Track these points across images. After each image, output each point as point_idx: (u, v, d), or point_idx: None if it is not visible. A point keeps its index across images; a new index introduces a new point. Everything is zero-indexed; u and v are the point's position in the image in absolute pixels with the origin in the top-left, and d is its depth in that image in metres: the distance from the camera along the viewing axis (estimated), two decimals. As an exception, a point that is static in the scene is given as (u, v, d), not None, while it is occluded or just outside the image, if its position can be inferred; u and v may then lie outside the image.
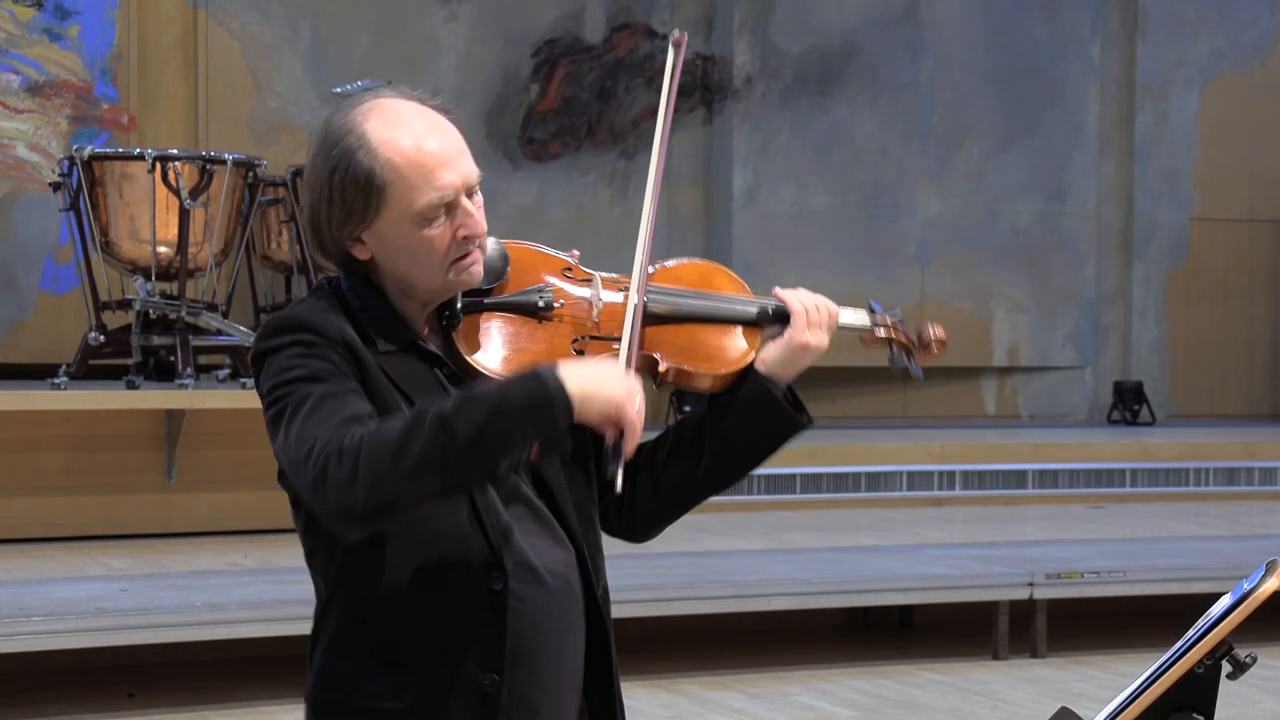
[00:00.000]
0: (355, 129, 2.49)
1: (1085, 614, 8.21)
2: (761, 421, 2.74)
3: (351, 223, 2.49)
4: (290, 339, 2.47)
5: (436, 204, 2.49)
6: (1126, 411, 12.84)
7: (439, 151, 2.50)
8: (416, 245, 2.49)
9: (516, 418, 2.34)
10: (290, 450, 2.41)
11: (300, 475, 2.39)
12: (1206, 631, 2.34)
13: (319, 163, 2.49)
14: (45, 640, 6.28)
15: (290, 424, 2.42)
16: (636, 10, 11.84)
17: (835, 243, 12.20)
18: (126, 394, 8.38)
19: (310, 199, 2.51)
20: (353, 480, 2.32)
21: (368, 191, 2.46)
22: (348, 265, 2.55)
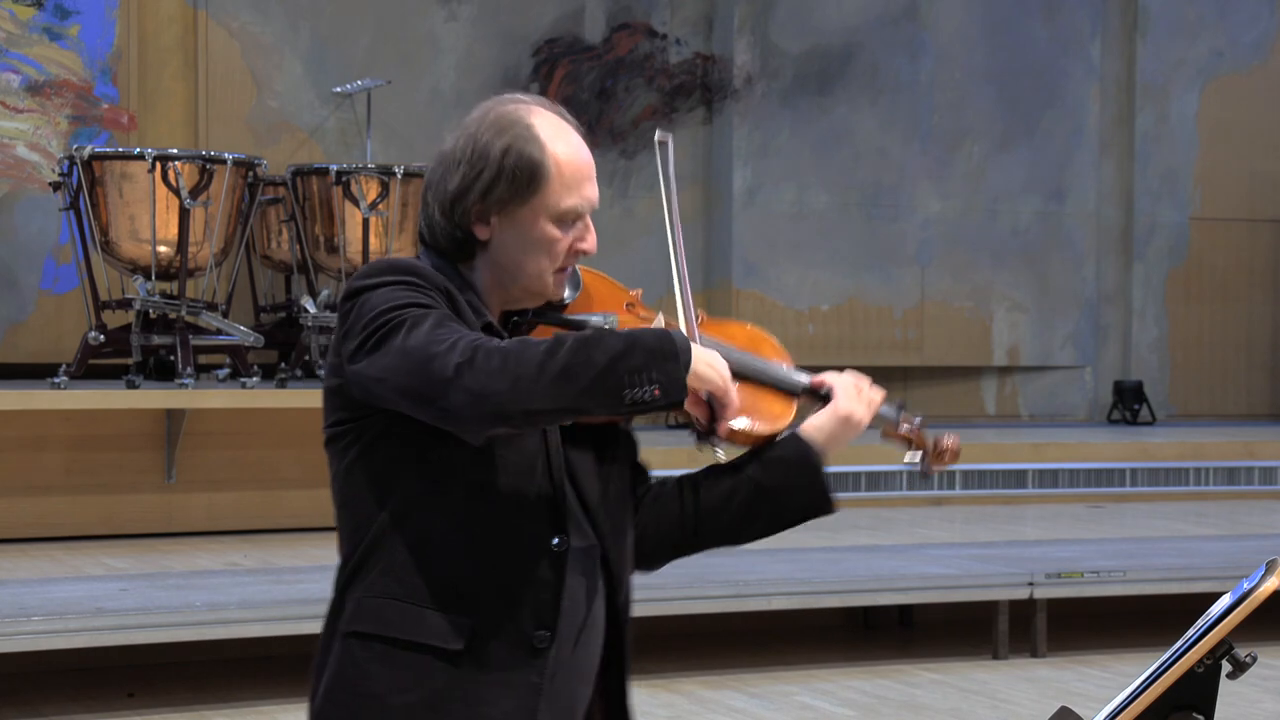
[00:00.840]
0: (525, 121, 2.65)
1: (1085, 614, 8.21)
2: (800, 484, 2.83)
3: (502, 202, 2.62)
4: (395, 278, 2.56)
5: (576, 209, 2.65)
6: (1126, 411, 12.84)
7: (589, 166, 2.68)
8: (542, 240, 2.64)
9: (645, 357, 2.46)
10: (413, 355, 2.46)
11: (432, 367, 2.44)
12: (1206, 631, 2.34)
13: (488, 138, 2.62)
14: (45, 640, 6.27)
15: (411, 333, 2.47)
16: (636, 10, 11.84)
17: (835, 243, 12.20)
18: (126, 394, 8.38)
19: (464, 172, 2.62)
20: (501, 371, 2.42)
21: (531, 176, 2.61)
22: (459, 245, 2.65)
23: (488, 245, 2.65)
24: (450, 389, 2.44)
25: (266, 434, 8.67)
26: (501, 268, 2.66)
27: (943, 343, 12.53)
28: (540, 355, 2.44)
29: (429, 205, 2.69)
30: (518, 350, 2.44)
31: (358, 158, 10.17)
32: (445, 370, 2.44)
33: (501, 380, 2.42)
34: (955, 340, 12.58)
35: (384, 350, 2.49)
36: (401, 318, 2.50)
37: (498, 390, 2.42)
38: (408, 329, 2.48)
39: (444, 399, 2.45)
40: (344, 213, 9.18)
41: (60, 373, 8.57)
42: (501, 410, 2.44)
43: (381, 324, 2.51)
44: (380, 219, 9.19)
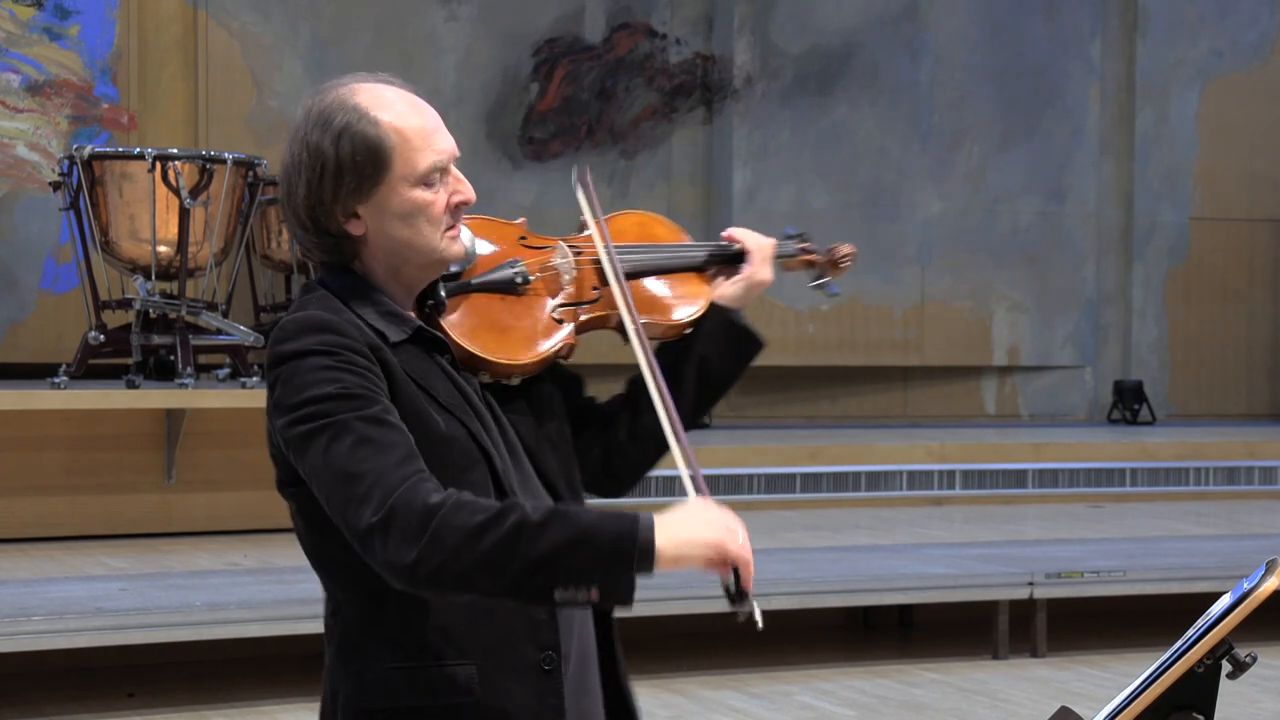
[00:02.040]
0: (348, 103, 2.53)
1: (1085, 614, 8.21)
2: (733, 349, 2.89)
3: (358, 191, 2.51)
4: (314, 341, 2.46)
5: (436, 165, 2.55)
6: (1126, 411, 12.84)
7: (431, 119, 2.58)
8: (417, 209, 2.53)
9: (591, 557, 2.34)
10: (331, 481, 2.39)
11: (348, 513, 2.37)
12: (1206, 631, 2.34)
13: (317, 137, 2.51)
14: (45, 640, 6.27)
15: (331, 448, 2.40)
16: (636, 10, 11.84)
17: (835, 243, 12.19)
18: (126, 393, 8.38)
19: (307, 178, 2.52)
20: (415, 544, 2.32)
21: (375, 156, 2.51)
22: (337, 250, 2.56)
23: (366, 238, 2.55)
24: (365, 548, 2.37)
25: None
26: (390, 253, 2.55)
27: (943, 343, 12.53)
28: (465, 535, 2.32)
29: (289, 222, 2.58)
30: (447, 523, 2.32)
31: (358, 158, 10.16)
32: (359, 525, 2.36)
33: (420, 554, 2.31)
34: (955, 340, 12.58)
35: (305, 454, 2.43)
36: (321, 422, 2.40)
37: (414, 564, 2.32)
38: (327, 440, 2.40)
39: (363, 551, 2.38)
40: (344, 213, 9.17)
41: (60, 373, 8.57)
42: (416, 581, 2.35)
43: (304, 417, 2.42)
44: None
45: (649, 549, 2.37)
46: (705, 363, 2.85)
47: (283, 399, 2.46)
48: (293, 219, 2.56)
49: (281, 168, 2.57)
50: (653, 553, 2.37)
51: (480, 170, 11.10)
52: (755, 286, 2.92)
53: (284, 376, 2.47)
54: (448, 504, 2.34)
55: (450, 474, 2.46)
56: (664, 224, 2.96)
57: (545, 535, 2.33)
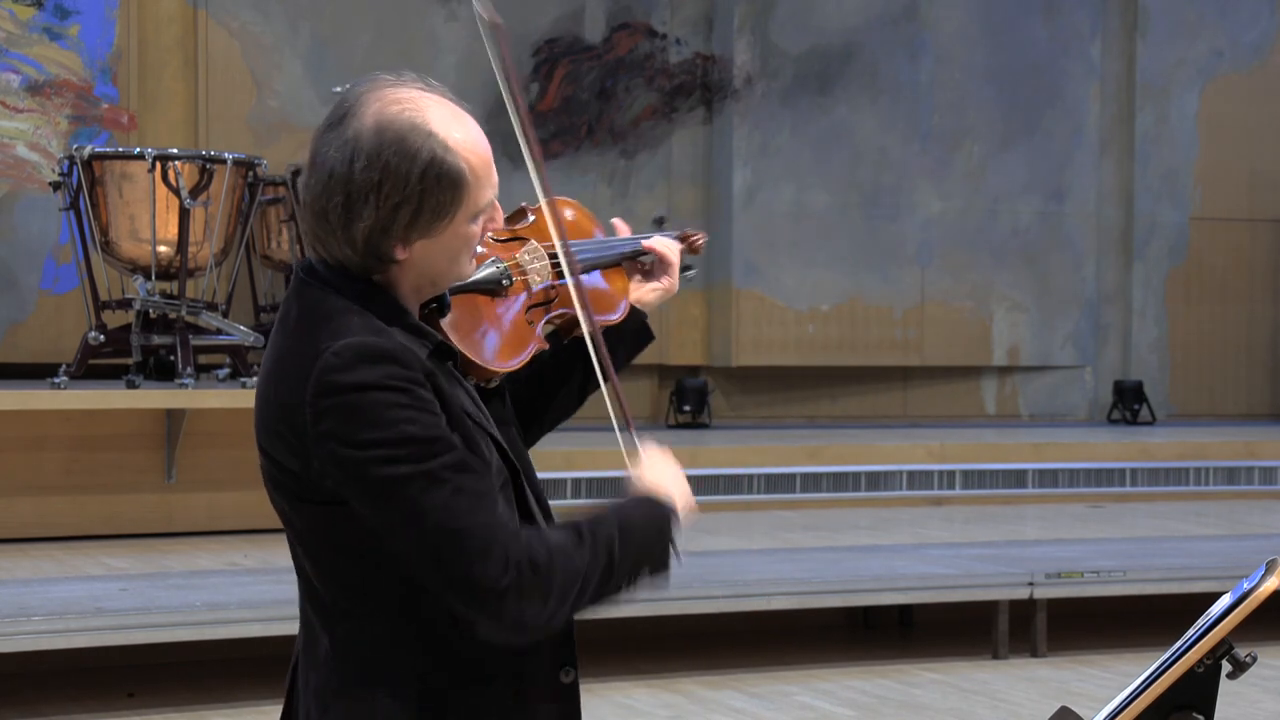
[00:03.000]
0: (427, 128, 2.41)
1: (1085, 614, 8.21)
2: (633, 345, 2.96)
3: (430, 225, 2.39)
4: (378, 375, 2.32)
5: (492, 201, 2.49)
6: (1126, 411, 12.84)
7: (488, 148, 2.50)
8: (464, 242, 2.45)
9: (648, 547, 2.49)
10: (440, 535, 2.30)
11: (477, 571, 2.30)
12: (1206, 631, 2.34)
13: (398, 162, 2.36)
14: (45, 640, 6.28)
15: (426, 500, 2.30)
16: (636, 10, 11.84)
17: (835, 243, 12.19)
18: (126, 394, 8.38)
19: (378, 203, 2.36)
20: (546, 600, 2.35)
21: (455, 190, 2.40)
22: (368, 268, 2.42)
23: (406, 263, 2.42)
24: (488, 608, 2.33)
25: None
26: (422, 276, 2.45)
27: (943, 343, 12.53)
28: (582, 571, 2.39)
29: (327, 238, 2.40)
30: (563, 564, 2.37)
31: (358, 158, 10.16)
32: (482, 586, 2.31)
33: (545, 608, 2.35)
34: (955, 340, 12.58)
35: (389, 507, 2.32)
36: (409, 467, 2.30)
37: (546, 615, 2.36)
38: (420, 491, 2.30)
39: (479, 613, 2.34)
40: (344, 213, 9.16)
41: (60, 373, 8.57)
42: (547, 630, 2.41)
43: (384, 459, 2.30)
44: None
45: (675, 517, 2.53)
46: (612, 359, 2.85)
47: (349, 435, 2.31)
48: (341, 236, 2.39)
49: (333, 178, 2.38)
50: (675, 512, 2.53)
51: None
52: (669, 295, 3.02)
53: (346, 410, 2.31)
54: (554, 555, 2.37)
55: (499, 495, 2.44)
56: (583, 212, 3.02)
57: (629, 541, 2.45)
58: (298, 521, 2.46)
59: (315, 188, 2.39)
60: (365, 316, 2.38)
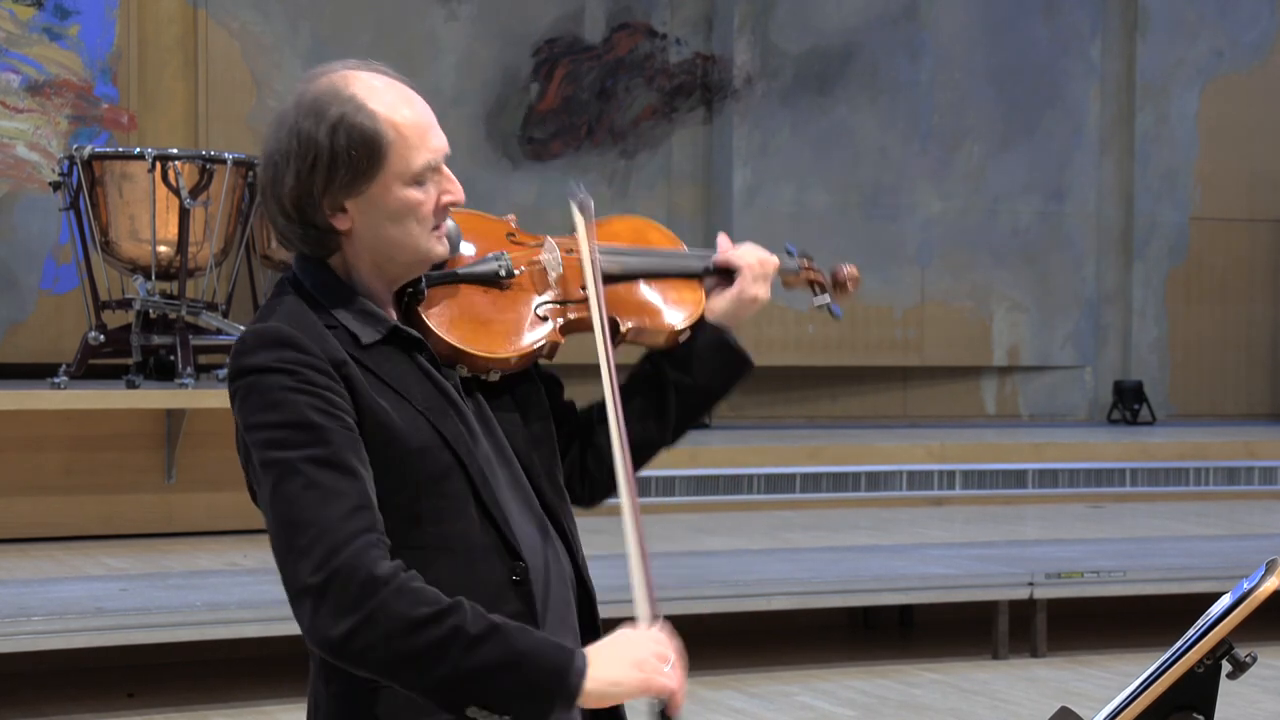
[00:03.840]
0: (343, 93, 2.47)
1: (1085, 614, 8.21)
2: (720, 368, 2.82)
3: (349, 186, 2.44)
4: (273, 358, 2.40)
5: (430, 164, 2.48)
6: (1126, 411, 12.84)
7: (427, 116, 2.52)
8: (406, 207, 2.47)
9: (516, 686, 2.30)
10: (279, 524, 2.35)
11: (286, 564, 2.34)
12: (1206, 631, 2.34)
13: (309, 126, 2.44)
14: (45, 640, 6.28)
15: (279, 490, 2.34)
16: (636, 10, 11.84)
17: (835, 243, 12.19)
18: (126, 394, 8.38)
19: (296, 167, 2.44)
20: (350, 617, 2.27)
21: (371, 150, 2.44)
22: (319, 243, 2.49)
23: (351, 234, 2.48)
24: (295, 602, 2.33)
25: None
26: (375, 250, 2.49)
27: (943, 343, 12.53)
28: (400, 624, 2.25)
29: (271, 213, 2.50)
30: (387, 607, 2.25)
31: (358, 158, 10.16)
32: (296, 579, 2.32)
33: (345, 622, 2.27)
34: (955, 340, 12.58)
35: (261, 486, 2.38)
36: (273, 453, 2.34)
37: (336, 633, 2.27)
38: (275, 479, 2.34)
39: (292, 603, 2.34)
40: (344, 213, 9.17)
41: (60, 373, 8.57)
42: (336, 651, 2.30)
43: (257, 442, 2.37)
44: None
45: (574, 693, 2.33)
46: (690, 379, 2.79)
47: (242, 417, 2.41)
48: (275, 208, 2.48)
49: (265, 155, 2.49)
50: (577, 696, 2.33)
51: (480, 170, 11.09)
52: (747, 304, 2.85)
53: (243, 392, 2.42)
54: (392, 584, 2.28)
55: (425, 487, 2.42)
56: (659, 230, 2.91)
57: (480, 650, 2.29)
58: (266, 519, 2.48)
59: (260, 173, 2.51)
60: (298, 305, 2.46)
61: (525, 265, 2.67)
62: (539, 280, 2.68)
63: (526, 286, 2.66)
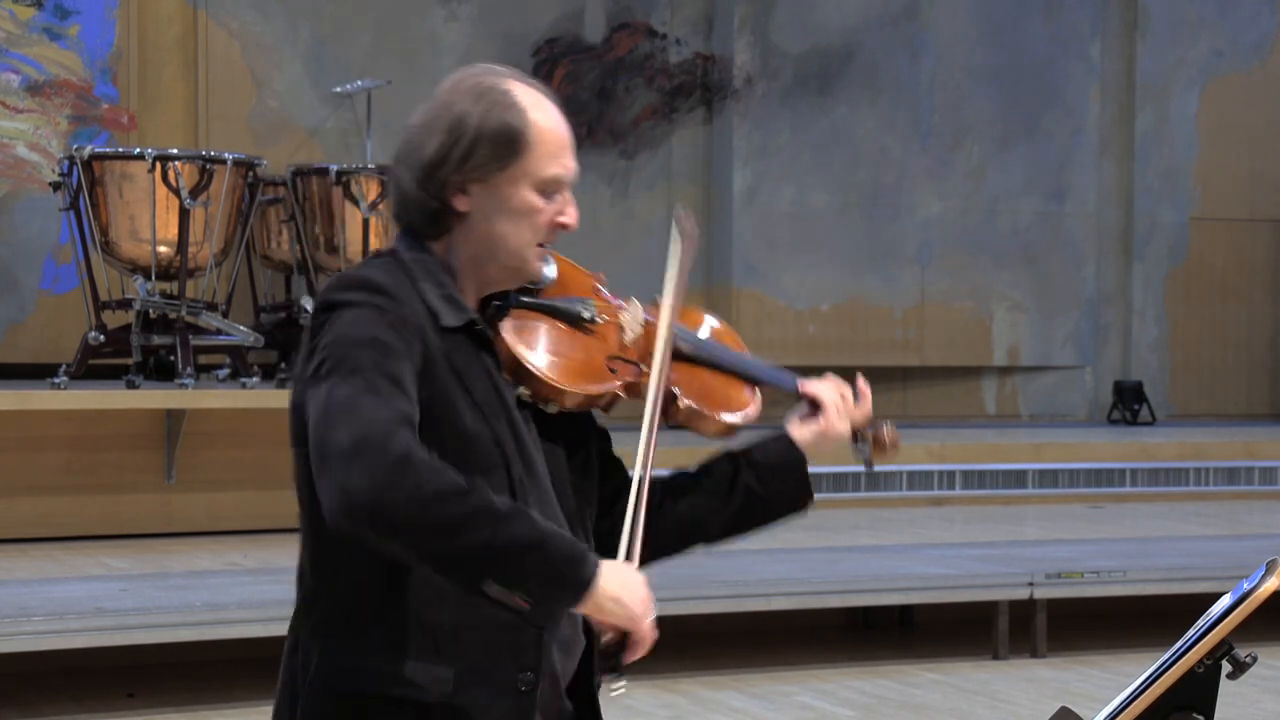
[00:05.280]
0: (499, 88, 2.58)
1: (1085, 614, 8.21)
2: (788, 488, 2.85)
3: (483, 168, 2.54)
4: (364, 297, 2.46)
5: (558, 178, 2.61)
6: (1126, 411, 12.84)
7: (568, 137, 2.66)
8: (524, 208, 2.57)
9: (537, 566, 2.34)
10: (328, 407, 2.36)
11: (327, 434, 2.34)
12: (1206, 631, 2.34)
13: (465, 106, 2.55)
14: (45, 640, 6.27)
15: (338, 382, 2.38)
16: (636, 10, 11.84)
17: (835, 243, 12.20)
18: (126, 394, 8.38)
19: (441, 140, 2.54)
20: (378, 477, 2.28)
21: (510, 143, 2.55)
22: (433, 219, 2.56)
23: (466, 218, 2.56)
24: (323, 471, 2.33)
25: (266, 434, 8.66)
26: (481, 241, 2.57)
27: (943, 343, 12.53)
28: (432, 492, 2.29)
29: (400, 179, 2.58)
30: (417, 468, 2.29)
31: (358, 158, 10.17)
32: (325, 446, 2.33)
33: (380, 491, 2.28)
34: (955, 340, 12.58)
35: (319, 382, 2.41)
36: (339, 360, 2.39)
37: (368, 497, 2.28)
38: (339, 375, 2.38)
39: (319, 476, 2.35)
40: (344, 213, 9.18)
41: (60, 373, 8.57)
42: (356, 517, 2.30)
43: (328, 355, 2.41)
44: (380, 219, 9.18)
45: (589, 584, 2.37)
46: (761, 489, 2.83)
47: (318, 342, 2.45)
48: (407, 174, 2.56)
49: (407, 129, 2.59)
50: (590, 589, 2.38)
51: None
52: (831, 438, 2.90)
53: (326, 325, 2.46)
54: (423, 459, 2.31)
55: (466, 471, 2.41)
56: (735, 337, 2.96)
57: (508, 526, 2.32)
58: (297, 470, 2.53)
59: (400, 143, 2.61)
60: (395, 269, 2.52)
61: (608, 316, 2.73)
62: (615, 336, 2.73)
63: (603, 337, 2.72)
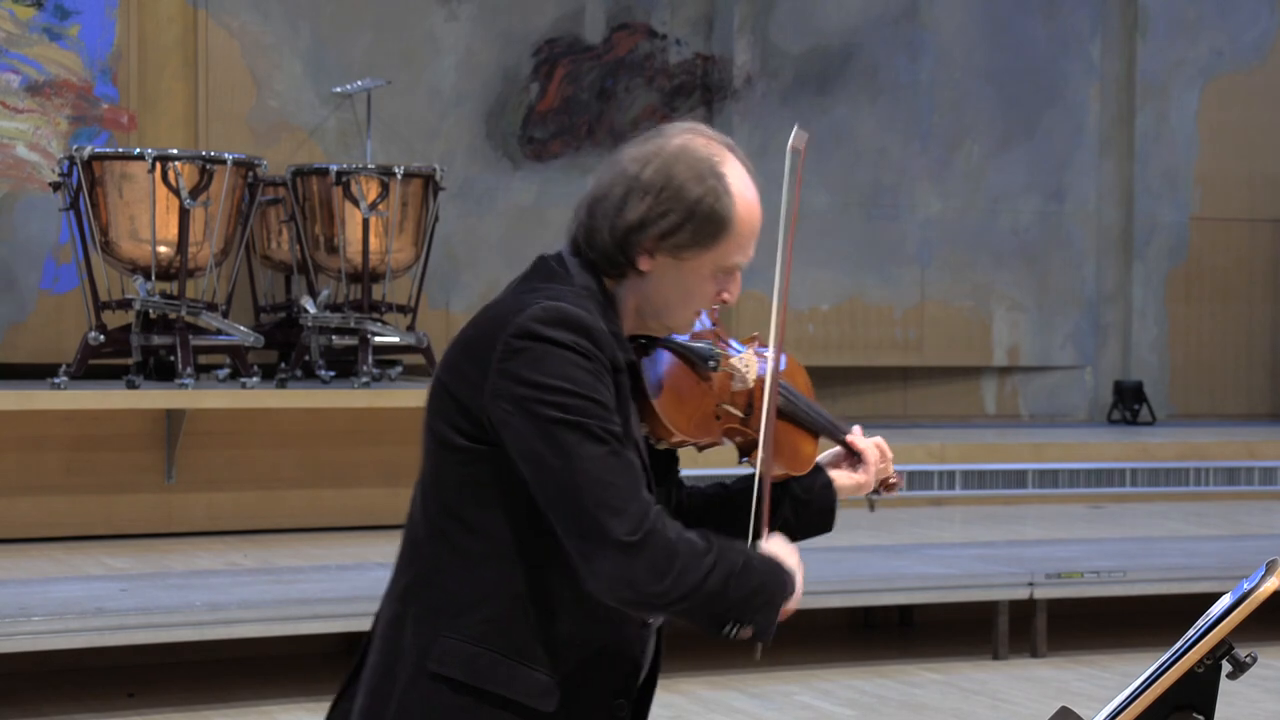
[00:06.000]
0: (720, 171, 2.64)
1: (1085, 614, 8.21)
2: (816, 521, 3.02)
3: (679, 247, 2.62)
4: (571, 338, 2.53)
5: (738, 265, 2.70)
6: (1126, 411, 12.84)
7: (759, 223, 2.73)
8: (696, 288, 2.67)
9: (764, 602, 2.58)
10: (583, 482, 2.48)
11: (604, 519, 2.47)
12: (1206, 631, 2.34)
13: (685, 179, 2.61)
14: (45, 640, 6.28)
15: (584, 450, 2.49)
16: (636, 10, 11.84)
17: (835, 243, 12.20)
18: (126, 394, 8.38)
19: (650, 205, 2.60)
20: (663, 576, 2.49)
21: (715, 233, 2.63)
22: (613, 265, 2.64)
23: (643, 276, 2.65)
24: (606, 556, 2.47)
25: (266, 434, 8.67)
26: (649, 300, 2.67)
27: (943, 343, 12.53)
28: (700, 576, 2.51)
29: (597, 220, 2.64)
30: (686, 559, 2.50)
31: (358, 158, 10.17)
32: (609, 533, 2.47)
33: (659, 583, 2.49)
34: (955, 340, 12.58)
35: (548, 441, 2.49)
36: (578, 415, 2.49)
37: (651, 590, 2.49)
38: (581, 438, 2.48)
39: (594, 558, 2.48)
40: (344, 213, 9.18)
41: (60, 373, 8.57)
42: (639, 603, 2.52)
43: (557, 406, 2.49)
44: (380, 219, 9.18)
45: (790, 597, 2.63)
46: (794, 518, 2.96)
47: (531, 376, 2.51)
48: (605, 222, 2.63)
49: (620, 172, 2.64)
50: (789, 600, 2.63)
51: (480, 170, 11.10)
52: (861, 488, 3.07)
53: (531, 354, 2.51)
54: (683, 544, 2.51)
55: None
56: (801, 370, 3.07)
57: (746, 579, 2.55)
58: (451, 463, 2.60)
59: (604, 179, 2.67)
60: (585, 300, 2.60)
61: (725, 366, 2.82)
62: (727, 385, 2.82)
63: (718, 385, 2.81)
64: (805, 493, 2.96)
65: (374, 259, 9.21)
